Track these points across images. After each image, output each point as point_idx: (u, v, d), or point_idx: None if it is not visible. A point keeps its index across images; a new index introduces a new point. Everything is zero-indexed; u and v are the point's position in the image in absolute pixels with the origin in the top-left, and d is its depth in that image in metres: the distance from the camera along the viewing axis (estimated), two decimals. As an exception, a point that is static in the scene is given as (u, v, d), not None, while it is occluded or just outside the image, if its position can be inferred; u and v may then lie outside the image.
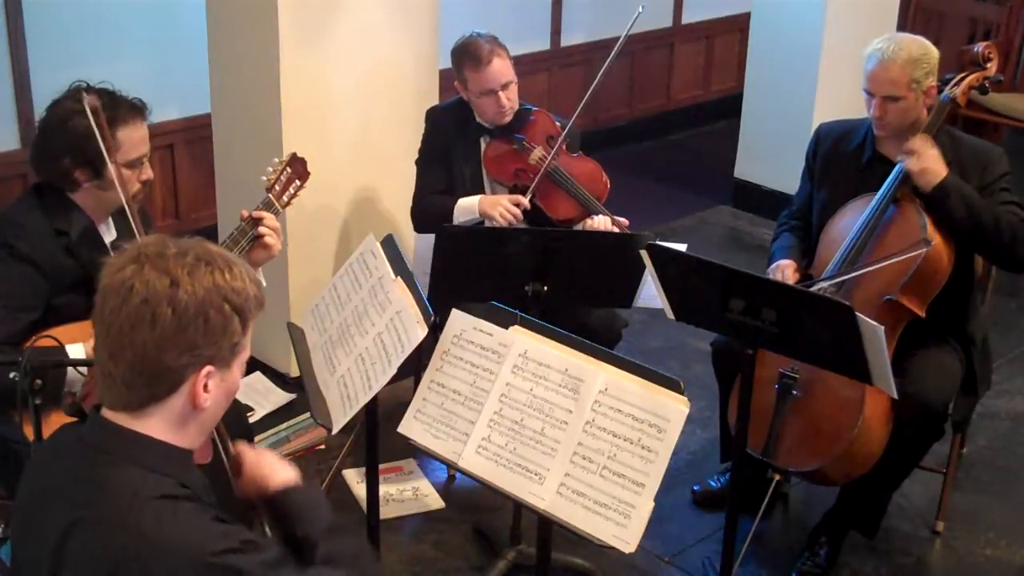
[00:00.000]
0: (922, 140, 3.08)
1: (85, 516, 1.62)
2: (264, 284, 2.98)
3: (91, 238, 2.74)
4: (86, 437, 1.70)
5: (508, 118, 3.54)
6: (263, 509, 1.95)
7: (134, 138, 2.72)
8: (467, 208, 3.52)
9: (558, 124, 3.58)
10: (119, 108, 2.70)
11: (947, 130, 3.22)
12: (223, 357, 1.68)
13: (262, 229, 2.89)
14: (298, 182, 3.06)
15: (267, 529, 1.99)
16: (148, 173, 2.79)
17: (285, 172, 3.02)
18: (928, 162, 3.06)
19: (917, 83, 3.10)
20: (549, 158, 3.47)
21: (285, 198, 3.03)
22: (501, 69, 3.46)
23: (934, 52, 3.15)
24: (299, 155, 3.08)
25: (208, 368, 1.66)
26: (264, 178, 2.99)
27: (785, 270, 3.26)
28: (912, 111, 3.15)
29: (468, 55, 3.48)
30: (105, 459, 1.65)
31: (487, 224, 3.51)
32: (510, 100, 3.50)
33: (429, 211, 3.58)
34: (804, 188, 3.47)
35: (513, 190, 3.55)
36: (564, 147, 3.53)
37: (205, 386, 1.67)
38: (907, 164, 3.07)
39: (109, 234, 2.82)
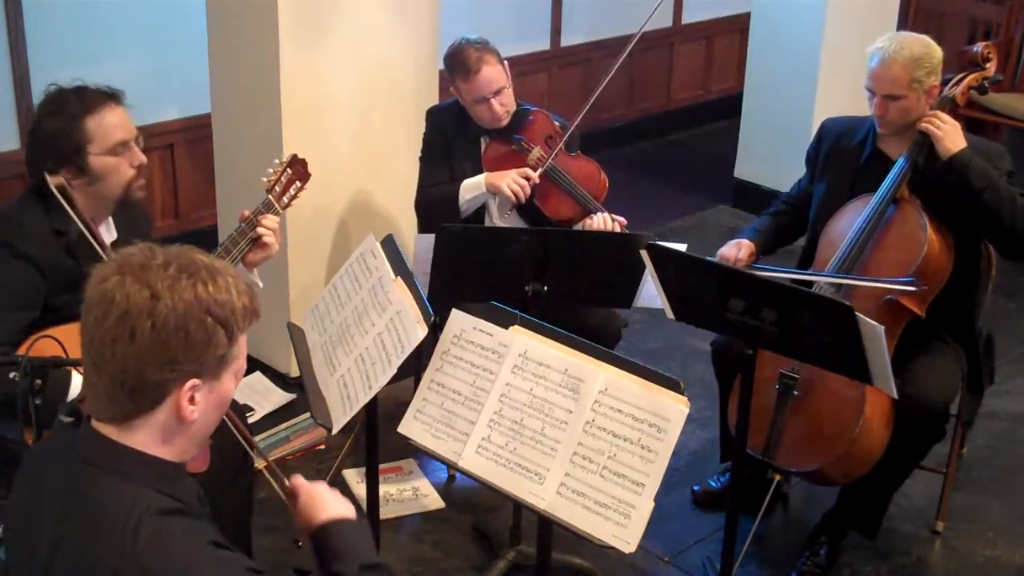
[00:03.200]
0: (943, 113, 3.12)
1: (74, 533, 1.58)
2: (261, 285, 3.00)
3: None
4: (76, 447, 1.65)
5: (504, 122, 3.53)
6: (308, 540, 1.92)
7: (105, 125, 2.67)
8: (473, 186, 3.50)
9: (557, 124, 3.58)
10: (85, 99, 2.66)
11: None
12: (209, 370, 1.63)
13: (261, 230, 2.89)
14: (298, 183, 3.05)
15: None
16: (139, 157, 2.74)
17: (285, 173, 3.02)
18: (950, 130, 3.08)
19: (919, 82, 3.11)
20: (548, 158, 3.47)
21: (285, 199, 3.02)
22: (491, 76, 3.44)
23: (937, 51, 3.15)
24: (299, 156, 3.08)
25: (193, 381, 1.61)
26: (264, 179, 2.99)
27: (741, 247, 3.31)
28: (914, 110, 3.15)
29: (458, 64, 3.47)
30: (93, 472, 1.61)
31: (494, 199, 3.51)
32: (504, 105, 3.49)
33: (433, 200, 3.56)
34: (804, 178, 3.48)
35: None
36: (563, 147, 3.53)
37: (192, 399, 1.62)
38: (929, 129, 3.09)
39: (109, 235, 2.80)
